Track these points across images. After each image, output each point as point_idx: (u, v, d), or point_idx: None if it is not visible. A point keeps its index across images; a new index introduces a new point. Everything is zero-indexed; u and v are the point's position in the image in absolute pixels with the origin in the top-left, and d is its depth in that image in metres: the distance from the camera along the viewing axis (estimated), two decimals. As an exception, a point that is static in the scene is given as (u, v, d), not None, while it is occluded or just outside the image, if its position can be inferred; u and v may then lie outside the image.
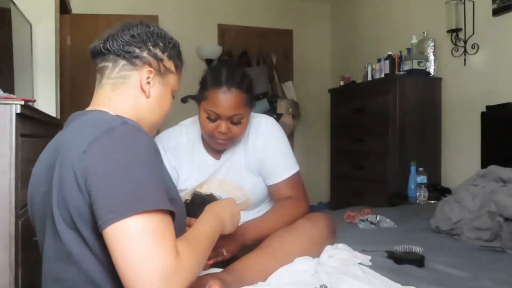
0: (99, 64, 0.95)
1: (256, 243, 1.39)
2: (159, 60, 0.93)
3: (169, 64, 0.96)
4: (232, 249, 1.22)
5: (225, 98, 1.27)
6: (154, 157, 0.79)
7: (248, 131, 1.42)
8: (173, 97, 1.02)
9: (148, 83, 0.92)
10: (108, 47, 0.91)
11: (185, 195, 1.43)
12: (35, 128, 1.80)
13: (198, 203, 1.27)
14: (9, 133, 1.43)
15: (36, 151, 1.82)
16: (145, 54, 0.91)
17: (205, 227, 0.90)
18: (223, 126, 1.29)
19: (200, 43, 4.26)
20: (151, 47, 0.92)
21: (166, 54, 0.95)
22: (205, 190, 1.41)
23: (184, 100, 1.37)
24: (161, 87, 0.95)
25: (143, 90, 0.91)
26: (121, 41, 0.91)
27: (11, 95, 1.64)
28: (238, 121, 1.30)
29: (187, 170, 1.43)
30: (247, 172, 1.42)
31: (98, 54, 0.94)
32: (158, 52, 0.93)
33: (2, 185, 1.41)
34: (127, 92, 0.91)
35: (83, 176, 0.74)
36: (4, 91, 1.75)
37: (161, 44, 0.94)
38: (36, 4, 2.80)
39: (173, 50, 0.98)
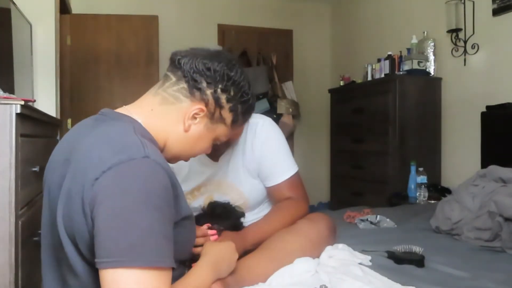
0: (168, 71, 0.91)
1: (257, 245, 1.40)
2: (219, 106, 0.88)
3: (227, 115, 0.91)
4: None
5: (240, 129, 1.24)
6: (168, 197, 0.74)
7: (246, 132, 1.40)
8: (217, 143, 0.96)
9: (194, 118, 0.88)
10: (182, 64, 0.87)
11: (186, 196, 1.42)
12: (35, 128, 1.80)
13: (218, 212, 1.28)
14: (9, 133, 1.43)
15: (36, 151, 1.82)
16: (208, 92, 0.87)
17: (199, 282, 0.86)
18: (221, 145, 1.24)
19: (200, 43, 4.23)
20: (218, 89, 0.88)
21: (230, 104, 0.90)
22: (202, 192, 1.40)
23: None
24: (204, 129, 0.90)
25: (184, 122, 0.88)
26: (196, 66, 0.87)
27: (11, 95, 1.64)
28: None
29: (184, 171, 1.41)
30: (245, 174, 1.41)
31: (173, 62, 0.90)
32: (222, 98, 0.88)
33: (2, 185, 1.41)
34: (171, 113, 0.87)
35: (90, 204, 0.70)
36: (4, 91, 1.75)
37: (231, 93, 0.89)
38: (36, 4, 2.80)
39: (242, 105, 0.93)
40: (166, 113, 0.87)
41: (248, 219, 1.39)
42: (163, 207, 0.72)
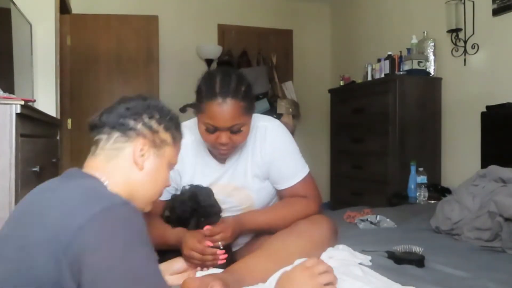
0: (95, 137, 0.93)
1: (255, 240, 1.40)
2: (154, 132, 0.91)
3: (166, 136, 0.93)
4: (227, 237, 1.23)
5: (221, 110, 1.19)
6: (146, 236, 0.77)
7: (255, 135, 1.38)
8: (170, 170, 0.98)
9: (142, 155, 0.89)
10: (104, 119, 0.91)
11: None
12: (35, 128, 1.80)
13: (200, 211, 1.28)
14: (9, 133, 1.43)
15: (36, 151, 1.82)
16: (139, 126, 0.90)
17: None
18: (223, 137, 1.23)
19: (200, 43, 4.26)
20: (146, 119, 0.90)
21: (162, 125, 0.92)
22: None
23: (182, 110, 1.28)
24: (156, 159, 0.92)
25: (136, 162, 0.89)
26: (116, 113, 0.90)
27: (11, 95, 1.64)
28: (238, 130, 1.24)
29: (190, 172, 1.39)
30: (253, 177, 1.39)
31: (94, 128, 0.93)
32: (153, 123, 0.91)
33: (2, 185, 1.41)
34: (120, 164, 0.89)
35: (77, 253, 0.69)
36: (4, 91, 1.75)
37: (157, 116, 0.92)
38: (36, 4, 2.80)
39: (171, 122, 0.95)
40: (117, 166, 0.89)
41: None
42: (149, 244, 0.77)
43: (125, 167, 0.89)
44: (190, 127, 1.36)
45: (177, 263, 1.18)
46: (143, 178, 0.90)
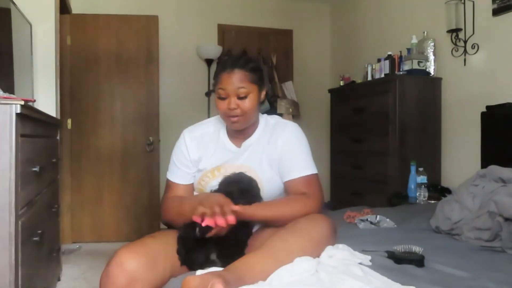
0: None
1: (257, 239, 1.40)
2: None
3: None
4: (226, 211, 1.26)
5: (229, 76, 1.41)
6: None
7: (274, 128, 1.54)
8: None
9: None
10: None
11: (204, 175, 1.51)
12: (35, 128, 1.80)
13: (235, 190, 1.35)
14: (9, 133, 1.43)
15: (36, 151, 1.83)
16: None
17: None
18: (232, 102, 1.41)
19: (200, 43, 4.26)
20: None
21: None
22: (222, 173, 1.47)
23: (207, 93, 1.52)
24: None
25: None
26: None
27: (11, 95, 1.64)
28: (245, 96, 1.41)
29: (210, 151, 1.53)
30: (266, 164, 1.49)
31: None
32: None
33: (2, 185, 1.41)
34: None
35: None
36: (4, 91, 1.75)
37: None
38: (36, 4, 2.80)
39: None
40: None
41: None
42: None
43: None
44: (213, 119, 1.60)
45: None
46: None
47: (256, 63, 1.50)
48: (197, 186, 1.54)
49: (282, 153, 1.49)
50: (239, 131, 1.52)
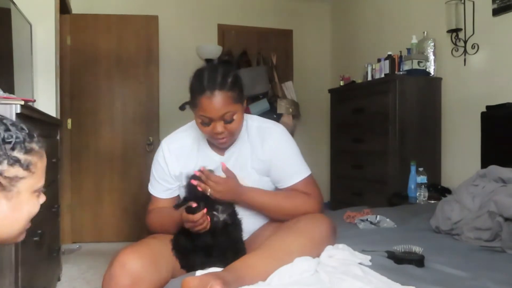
0: None
1: (257, 237, 1.40)
2: None
3: (14, 172, 0.73)
4: (217, 190, 1.29)
5: (210, 102, 1.29)
6: None
7: (258, 133, 1.45)
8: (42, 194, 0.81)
9: None
10: None
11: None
12: (35, 128, 1.79)
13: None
14: (9, 133, 1.42)
15: (36, 151, 1.82)
16: None
17: None
18: (218, 127, 1.32)
19: (200, 43, 4.26)
20: None
21: (5, 162, 0.72)
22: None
23: (181, 107, 1.41)
24: (8, 201, 0.74)
25: None
26: None
27: (11, 95, 1.64)
28: (231, 119, 1.32)
29: (191, 167, 1.44)
30: (253, 171, 1.44)
31: None
32: None
33: (2, 185, 1.41)
34: None
35: None
36: (4, 91, 1.75)
37: None
38: (36, 4, 2.80)
39: (17, 149, 0.74)
40: None
41: (250, 217, 1.43)
42: None
43: None
44: (187, 129, 1.50)
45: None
46: (1, 223, 0.75)
47: (233, 73, 1.35)
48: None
49: (273, 160, 1.43)
50: None
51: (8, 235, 0.78)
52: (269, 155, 1.43)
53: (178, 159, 1.46)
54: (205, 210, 1.25)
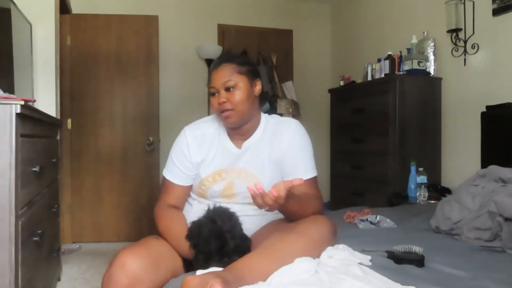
0: None
1: (258, 237, 1.40)
2: None
3: None
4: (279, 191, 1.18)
5: (216, 72, 1.44)
6: None
7: (277, 126, 1.51)
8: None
9: None
10: None
11: (204, 180, 1.47)
12: (35, 128, 1.80)
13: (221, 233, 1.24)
14: (9, 133, 1.43)
15: (36, 151, 1.82)
16: None
17: None
18: (221, 95, 1.41)
19: (200, 43, 4.26)
20: None
21: None
22: (223, 178, 1.46)
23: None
24: None
25: None
26: None
27: (11, 95, 1.64)
28: (232, 86, 1.41)
29: (211, 155, 1.49)
30: (269, 165, 1.47)
31: None
32: None
33: (2, 185, 1.41)
34: None
35: None
36: (4, 91, 1.75)
37: None
38: (36, 4, 2.80)
39: None
40: None
41: (261, 215, 1.44)
42: None
43: None
44: (209, 120, 1.56)
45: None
46: None
47: (245, 58, 1.52)
48: (197, 190, 1.51)
49: (288, 153, 1.47)
50: (238, 131, 1.49)
51: None
52: (286, 149, 1.47)
53: (200, 146, 1.49)
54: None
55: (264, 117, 1.55)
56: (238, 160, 1.48)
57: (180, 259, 1.35)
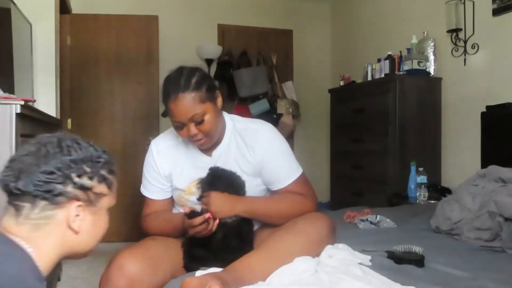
0: (12, 202, 0.78)
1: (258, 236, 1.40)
2: (88, 189, 0.81)
3: (101, 189, 0.83)
4: (207, 202, 1.29)
5: (176, 106, 1.28)
6: None
7: (245, 135, 1.42)
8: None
9: (77, 216, 0.80)
10: (22, 187, 0.76)
11: (182, 193, 1.45)
12: (35, 128, 1.80)
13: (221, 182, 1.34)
14: (9, 133, 1.43)
15: (36, 151, 1.82)
16: (69, 188, 0.78)
17: None
18: (190, 130, 1.30)
19: (200, 43, 4.26)
20: (75, 178, 0.79)
21: (95, 179, 0.82)
22: (199, 188, 1.41)
23: (163, 114, 1.43)
24: (92, 216, 0.84)
25: (71, 227, 0.80)
26: (37, 181, 0.76)
27: (11, 95, 1.64)
28: (201, 119, 1.29)
29: (179, 166, 1.44)
30: (241, 172, 1.42)
31: (10, 193, 0.77)
32: (85, 181, 0.80)
33: (2, 185, 1.41)
34: (52, 232, 0.78)
35: None
36: (4, 91, 1.75)
37: (88, 170, 0.81)
38: (36, 4, 2.80)
39: (104, 169, 0.84)
40: (48, 235, 0.78)
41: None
42: None
43: (58, 233, 0.79)
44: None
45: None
46: (81, 239, 0.83)
47: (198, 73, 1.34)
48: (178, 201, 1.49)
49: (264, 163, 1.40)
50: None
51: (82, 250, 0.85)
52: (260, 158, 1.40)
53: (167, 159, 1.45)
54: (207, 215, 1.25)
55: (228, 119, 1.46)
56: (215, 165, 1.43)
57: (179, 260, 1.34)
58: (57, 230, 0.79)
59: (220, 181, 1.34)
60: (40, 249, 0.77)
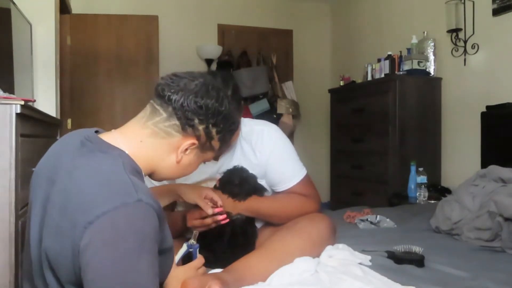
0: (156, 104, 0.88)
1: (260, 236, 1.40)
2: (210, 138, 0.91)
3: (216, 144, 0.93)
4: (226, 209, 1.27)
5: None
6: (157, 236, 0.76)
7: (251, 137, 1.42)
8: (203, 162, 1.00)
9: (186, 150, 0.90)
10: (173, 101, 0.86)
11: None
12: (35, 128, 1.80)
13: (236, 182, 1.35)
14: (9, 133, 1.43)
15: (36, 151, 1.82)
16: (200, 127, 0.88)
17: None
18: None
19: (200, 43, 4.26)
20: (210, 125, 0.89)
21: (219, 135, 0.92)
22: (209, 185, 1.42)
23: None
24: (194, 157, 0.93)
25: (176, 155, 0.90)
26: (188, 104, 0.86)
27: (11, 95, 1.64)
28: None
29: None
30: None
31: (161, 97, 0.87)
32: (213, 131, 0.90)
33: (2, 185, 1.41)
34: (162, 146, 0.88)
35: (83, 248, 0.70)
36: (4, 91, 1.75)
37: (220, 125, 0.90)
38: (36, 4, 2.80)
39: (229, 135, 0.94)
40: (157, 146, 0.88)
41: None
42: (154, 248, 0.75)
43: (164, 150, 0.89)
44: None
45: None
46: (174, 168, 0.92)
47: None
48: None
49: (267, 164, 1.40)
50: None
51: (164, 176, 0.94)
52: (264, 159, 1.40)
53: None
54: (217, 209, 1.25)
55: None
56: (216, 172, 1.43)
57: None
58: (165, 148, 0.89)
59: (235, 176, 1.36)
60: (141, 154, 0.87)
